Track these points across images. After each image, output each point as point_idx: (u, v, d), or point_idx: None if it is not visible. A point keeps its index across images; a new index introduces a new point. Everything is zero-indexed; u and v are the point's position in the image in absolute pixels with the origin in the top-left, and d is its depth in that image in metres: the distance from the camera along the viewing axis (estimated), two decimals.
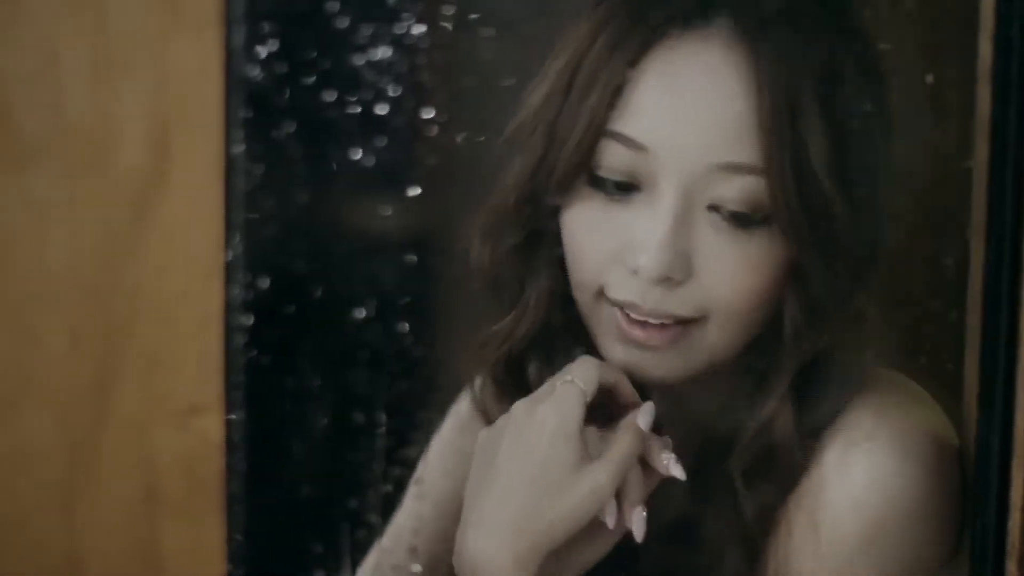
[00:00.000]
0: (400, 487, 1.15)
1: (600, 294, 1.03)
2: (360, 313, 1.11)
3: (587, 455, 0.99)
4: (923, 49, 1.09)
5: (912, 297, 1.13)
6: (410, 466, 1.15)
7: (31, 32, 1.09)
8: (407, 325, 1.11)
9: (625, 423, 1.02)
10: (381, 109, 1.08)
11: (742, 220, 1.00)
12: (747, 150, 0.99)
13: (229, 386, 1.11)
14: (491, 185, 1.04)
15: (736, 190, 0.99)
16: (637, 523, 1.01)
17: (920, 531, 1.01)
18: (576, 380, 1.01)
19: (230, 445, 1.12)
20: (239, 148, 1.09)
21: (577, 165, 1.01)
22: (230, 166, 1.09)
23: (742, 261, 1.00)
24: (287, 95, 1.10)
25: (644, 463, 1.01)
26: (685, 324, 1.02)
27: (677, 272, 1.00)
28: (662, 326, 1.01)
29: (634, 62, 1.00)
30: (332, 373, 1.16)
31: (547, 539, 0.98)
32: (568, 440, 0.99)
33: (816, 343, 1.01)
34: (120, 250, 1.12)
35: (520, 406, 1.01)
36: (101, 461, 1.15)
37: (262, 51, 1.09)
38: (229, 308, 1.11)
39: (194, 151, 1.10)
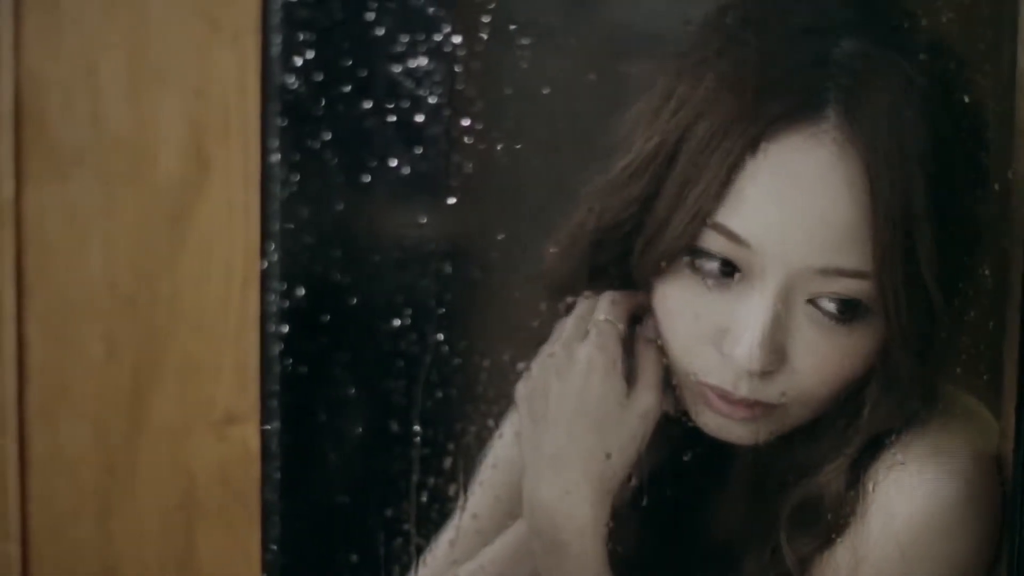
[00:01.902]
0: (435, 497, 1.15)
1: (691, 374, 1.03)
2: (396, 322, 1.11)
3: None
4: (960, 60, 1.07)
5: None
6: (446, 476, 1.15)
7: (69, 41, 1.10)
8: (443, 335, 1.11)
9: (640, 341, 1.05)
10: (418, 118, 1.08)
11: (840, 316, 0.99)
12: (856, 256, 0.98)
13: (265, 395, 1.11)
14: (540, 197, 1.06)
15: (838, 288, 0.99)
16: None
17: (960, 548, 1.00)
18: (610, 318, 1.04)
19: (266, 454, 1.12)
20: (275, 157, 1.09)
21: (678, 247, 1.01)
22: (266, 175, 1.09)
23: (836, 353, 1.01)
24: (324, 104, 1.10)
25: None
26: (771, 407, 1.02)
27: (772, 365, 1.01)
28: (748, 405, 1.01)
29: (746, 155, 0.98)
30: (368, 382, 1.16)
31: (616, 472, 1.02)
32: (616, 376, 1.03)
33: (893, 422, 1.01)
34: (157, 259, 1.12)
35: (557, 352, 1.03)
36: (137, 469, 1.15)
37: (299, 60, 1.09)
38: (265, 317, 1.11)
39: (231, 160, 1.10)
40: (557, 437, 1.03)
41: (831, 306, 0.99)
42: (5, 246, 1.13)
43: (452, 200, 1.06)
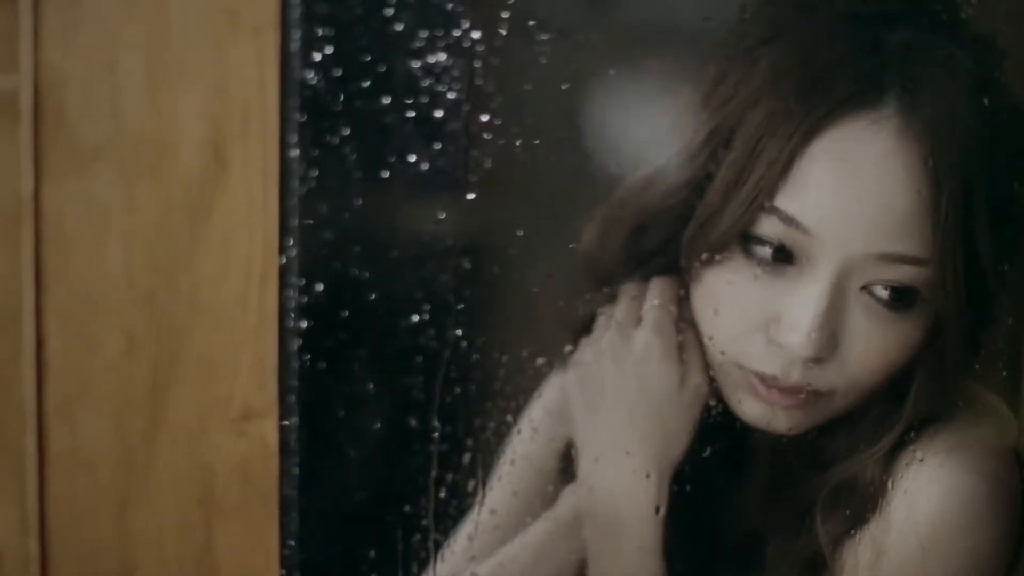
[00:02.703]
0: (454, 493, 1.15)
1: (737, 362, 1.03)
2: (414, 318, 1.11)
3: None
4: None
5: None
6: (464, 472, 1.15)
7: (89, 37, 1.10)
8: (461, 330, 1.11)
9: (687, 324, 1.06)
10: (437, 113, 1.08)
11: (894, 304, 0.99)
12: (915, 242, 0.98)
13: (283, 391, 1.12)
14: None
15: (894, 274, 0.99)
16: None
17: (980, 544, 1.00)
18: (664, 304, 1.05)
19: (284, 450, 1.12)
20: (294, 152, 1.09)
21: (732, 234, 1.01)
22: (285, 170, 1.09)
23: (887, 341, 1.01)
24: (343, 99, 1.10)
25: None
26: (818, 395, 1.02)
27: (825, 352, 1.01)
28: (796, 390, 1.01)
29: (806, 140, 0.98)
30: (386, 378, 1.15)
31: (674, 452, 1.03)
32: (673, 359, 1.04)
33: (934, 408, 1.01)
34: (176, 254, 1.12)
35: (611, 339, 1.03)
36: (156, 466, 1.15)
37: (318, 55, 1.09)
38: (283, 313, 1.11)
39: (250, 155, 1.10)
40: (617, 422, 1.04)
41: (885, 293, 0.99)
42: (24, 242, 1.13)
43: (471, 196, 1.06)
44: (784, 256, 1.01)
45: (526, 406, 1.15)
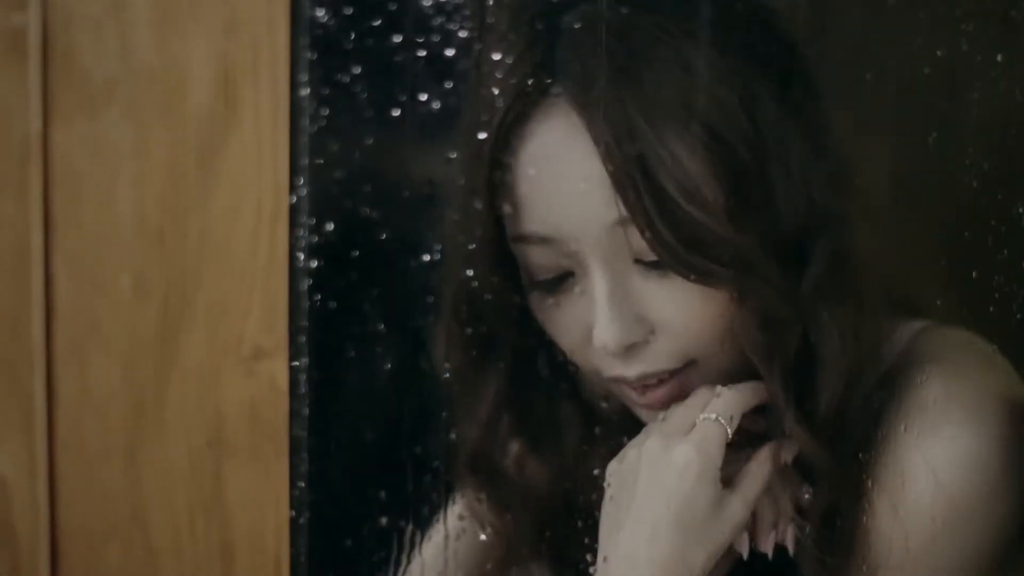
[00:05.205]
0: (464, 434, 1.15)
1: (600, 375, 1.03)
2: (425, 258, 1.11)
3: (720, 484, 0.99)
4: None
5: (981, 246, 1.11)
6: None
7: None
8: (471, 271, 1.10)
9: (764, 454, 1.01)
10: (448, 52, 1.07)
11: (660, 264, 0.99)
12: (616, 205, 0.98)
13: (294, 331, 1.11)
14: None
15: (640, 240, 0.98)
16: (787, 541, 1.02)
17: (999, 500, 0.99)
18: (720, 418, 1.00)
19: (294, 391, 1.12)
20: (305, 91, 1.09)
21: (504, 280, 1.01)
22: (296, 109, 1.09)
23: (688, 298, 0.99)
24: (353, 37, 1.09)
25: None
26: (679, 372, 1.01)
27: (636, 335, 1.00)
28: (660, 382, 1.01)
29: (498, 162, 1.00)
30: (397, 318, 1.15)
31: None
32: (712, 481, 0.99)
33: (785, 346, 1.00)
34: (186, 195, 1.12)
35: (654, 442, 1.00)
36: (166, 408, 1.15)
37: None
38: (294, 253, 1.11)
39: (260, 94, 1.09)
40: (637, 531, 0.98)
41: (647, 256, 0.99)
42: (32, 182, 1.12)
43: (482, 135, 1.06)
44: (563, 276, 1.02)
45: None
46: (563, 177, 1.00)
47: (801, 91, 1.02)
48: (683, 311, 1.00)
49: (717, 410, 1.00)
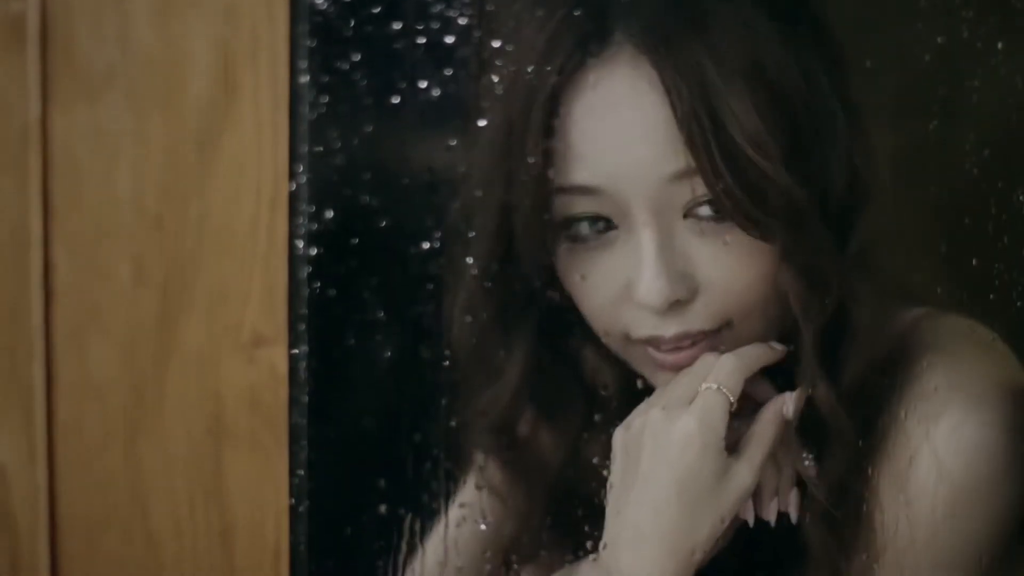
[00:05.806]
0: (464, 422, 1.15)
1: (627, 337, 1.02)
2: (425, 245, 1.11)
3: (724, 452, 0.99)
4: None
5: (982, 233, 1.11)
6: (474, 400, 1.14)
7: None
8: (471, 258, 1.10)
9: (767, 415, 1.01)
10: (448, 39, 1.07)
11: (717, 219, 0.99)
12: (682, 155, 0.97)
13: (293, 318, 1.11)
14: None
15: (700, 191, 0.98)
16: (790, 508, 1.02)
17: (1002, 488, 0.99)
18: (722, 387, 0.99)
19: (294, 378, 1.12)
20: (304, 78, 1.09)
21: (544, 229, 1.00)
22: (295, 96, 1.09)
23: (740, 252, 0.99)
24: (353, 24, 1.09)
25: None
26: (714, 333, 1.01)
27: (682, 292, 1.00)
28: (692, 344, 1.01)
29: (554, 112, 0.99)
30: (397, 306, 1.15)
31: (699, 548, 0.98)
32: (716, 451, 0.98)
33: (824, 308, 1.00)
34: (185, 181, 1.12)
35: (656, 413, 1.00)
36: (165, 394, 1.15)
37: None
38: (293, 240, 1.11)
39: (259, 81, 1.09)
40: (642, 505, 0.98)
41: (707, 210, 0.99)
42: (32, 168, 1.12)
43: (482, 122, 1.06)
44: (603, 225, 1.01)
45: None
46: (623, 126, 0.99)
47: (840, 67, 1.03)
48: (728, 270, 1.00)
49: (719, 379, 1.00)
